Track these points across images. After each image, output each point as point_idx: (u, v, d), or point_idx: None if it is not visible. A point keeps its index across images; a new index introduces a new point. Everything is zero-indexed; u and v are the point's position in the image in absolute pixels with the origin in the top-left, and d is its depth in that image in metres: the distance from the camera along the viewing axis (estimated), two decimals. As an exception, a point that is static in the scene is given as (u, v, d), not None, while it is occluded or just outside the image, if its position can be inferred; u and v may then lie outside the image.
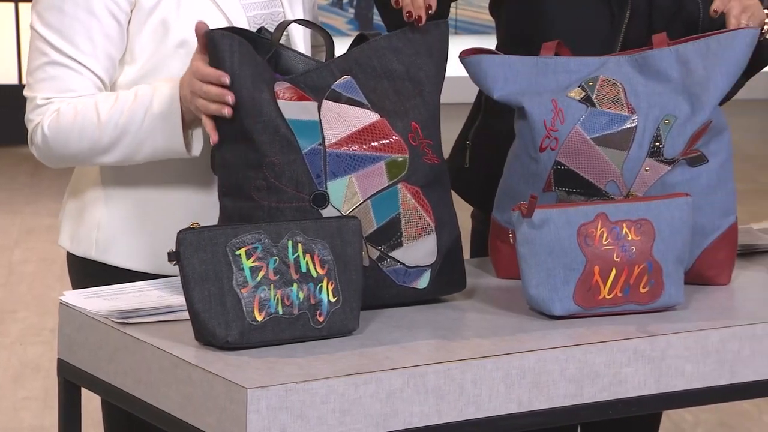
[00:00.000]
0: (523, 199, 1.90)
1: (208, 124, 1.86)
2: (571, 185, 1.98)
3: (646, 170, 1.97)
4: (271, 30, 1.97)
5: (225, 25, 1.98)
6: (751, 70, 2.10)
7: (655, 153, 1.98)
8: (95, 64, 1.95)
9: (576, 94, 2.00)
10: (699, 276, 2.02)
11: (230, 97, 1.82)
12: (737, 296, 2.02)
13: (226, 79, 1.83)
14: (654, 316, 1.89)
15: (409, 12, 1.90)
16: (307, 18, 2.09)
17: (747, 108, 7.71)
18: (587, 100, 1.99)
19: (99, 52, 1.95)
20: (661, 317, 1.89)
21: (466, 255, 2.02)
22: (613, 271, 1.88)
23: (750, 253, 2.19)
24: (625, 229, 1.89)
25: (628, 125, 1.98)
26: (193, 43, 1.90)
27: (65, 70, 1.94)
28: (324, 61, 1.96)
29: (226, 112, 1.83)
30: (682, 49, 2.01)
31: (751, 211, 5.50)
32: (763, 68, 2.14)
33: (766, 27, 2.08)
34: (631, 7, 2.12)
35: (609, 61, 2.01)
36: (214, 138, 1.85)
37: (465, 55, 2.02)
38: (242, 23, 2.01)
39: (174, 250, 1.73)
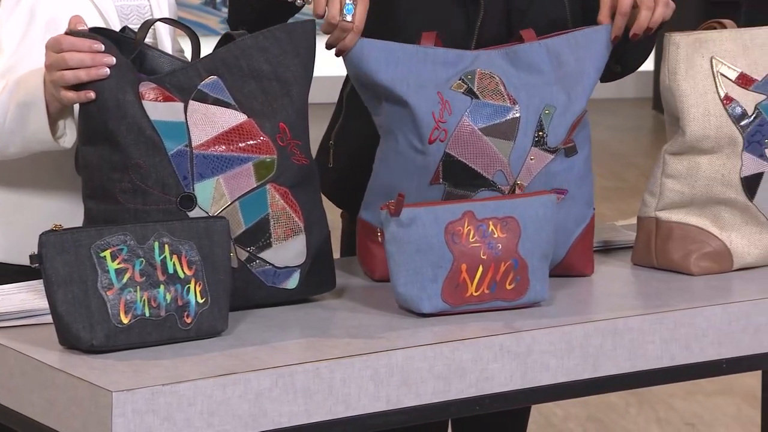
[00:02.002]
0: (405, 195, 1.91)
1: (75, 95, 1.81)
2: (460, 176, 1.99)
3: (532, 159, 2.00)
4: (136, 28, 1.95)
5: (94, 12, 1.97)
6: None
7: (539, 142, 2.01)
8: None
9: (458, 86, 2.01)
10: (570, 267, 2.06)
11: (109, 59, 1.80)
12: (599, 291, 2.06)
13: (99, 46, 1.80)
14: (520, 313, 1.92)
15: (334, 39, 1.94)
16: (169, 15, 2.07)
17: (615, 107, 7.86)
18: (470, 92, 2.01)
19: None
20: (527, 313, 1.92)
21: (336, 255, 2.03)
22: (480, 269, 1.91)
23: (609, 249, 2.24)
24: (491, 227, 1.92)
25: (512, 115, 2.01)
26: (62, 22, 1.88)
27: None
28: (190, 60, 1.95)
29: (105, 71, 1.80)
30: (551, 43, 2.05)
31: (619, 209, 5.59)
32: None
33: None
34: (485, 7, 2.14)
35: (481, 55, 2.03)
36: (90, 94, 1.81)
37: None
38: (111, 12, 2.00)
39: (36, 252, 1.70)
